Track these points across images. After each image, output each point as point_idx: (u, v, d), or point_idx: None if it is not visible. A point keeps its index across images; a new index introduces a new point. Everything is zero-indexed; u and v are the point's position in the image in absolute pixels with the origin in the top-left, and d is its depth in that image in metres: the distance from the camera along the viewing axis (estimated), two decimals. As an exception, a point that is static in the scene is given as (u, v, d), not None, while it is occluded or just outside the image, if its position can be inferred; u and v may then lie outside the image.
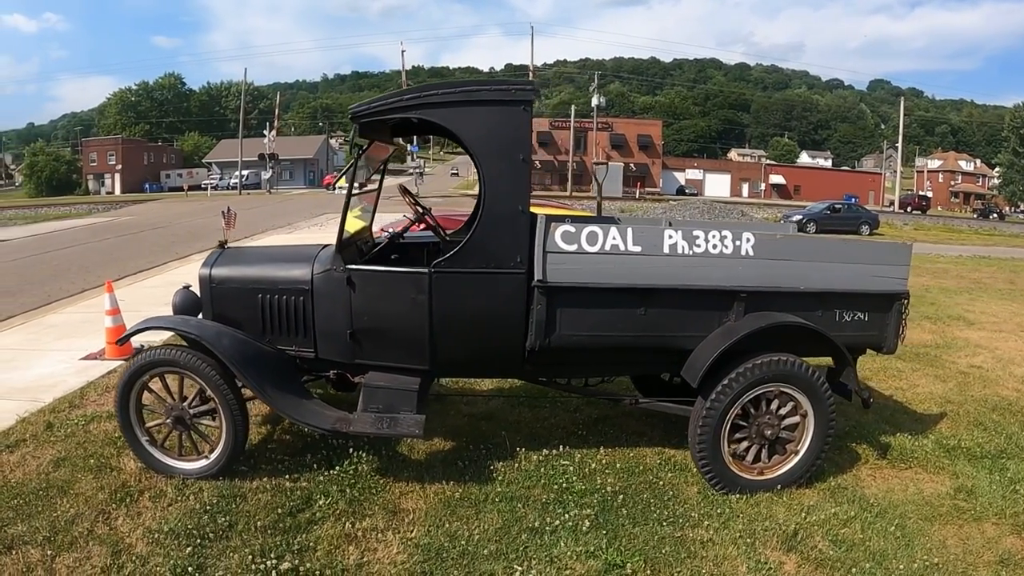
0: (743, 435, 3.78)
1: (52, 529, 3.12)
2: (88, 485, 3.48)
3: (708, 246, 3.59)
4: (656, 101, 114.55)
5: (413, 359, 3.70)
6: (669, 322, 3.69)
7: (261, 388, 3.47)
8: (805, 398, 3.74)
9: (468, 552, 3.13)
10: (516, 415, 4.92)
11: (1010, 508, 3.69)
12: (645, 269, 3.56)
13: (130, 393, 3.52)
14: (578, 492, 3.70)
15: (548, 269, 3.48)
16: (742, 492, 3.73)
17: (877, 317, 3.96)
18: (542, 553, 3.14)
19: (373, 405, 3.68)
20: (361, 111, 3.47)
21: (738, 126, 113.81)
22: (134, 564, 2.93)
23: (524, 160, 3.44)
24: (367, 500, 3.56)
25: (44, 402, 4.46)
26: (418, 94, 3.45)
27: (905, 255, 3.93)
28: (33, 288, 9.92)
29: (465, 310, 3.57)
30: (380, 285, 3.61)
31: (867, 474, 4.14)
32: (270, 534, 3.19)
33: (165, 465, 3.59)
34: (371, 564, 3.05)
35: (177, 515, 3.29)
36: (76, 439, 3.96)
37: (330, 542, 3.18)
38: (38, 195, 63.03)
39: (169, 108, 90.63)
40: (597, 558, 3.10)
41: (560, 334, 3.61)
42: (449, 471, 3.90)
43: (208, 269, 3.86)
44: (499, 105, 3.41)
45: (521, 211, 3.47)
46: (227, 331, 3.63)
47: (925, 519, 3.60)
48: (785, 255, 3.71)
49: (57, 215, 31.72)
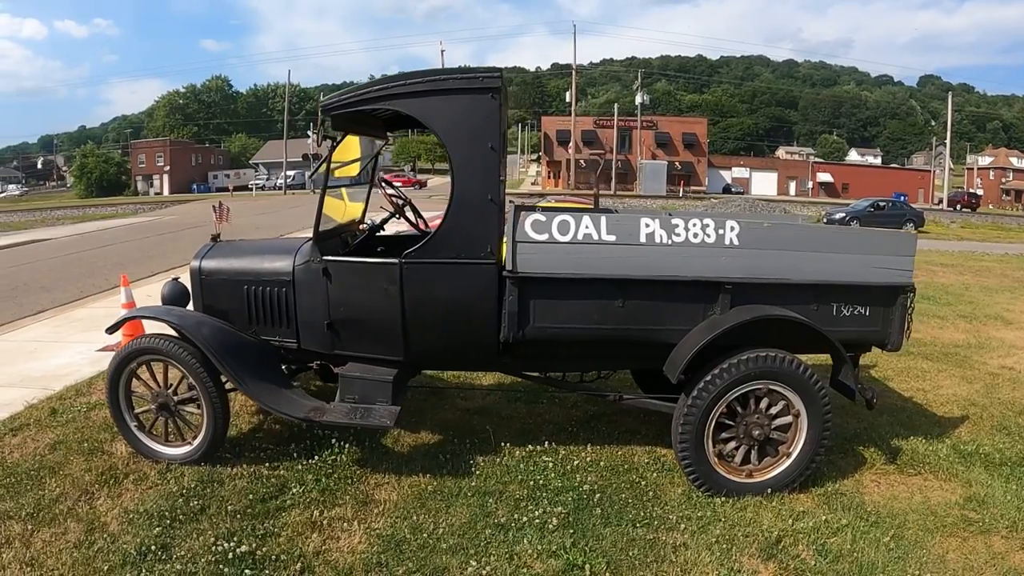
0: (730, 435, 3.52)
1: (37, 506, 3.21)
2: (78, 467, 3.56)
3: (689, 235, 3.37)
4: (703, 99, 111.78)
5: (388, 350, 3.62)
6: (649, 315, 3.48)
7: (239, 376, 3.46)
8: (797, 397, 3.46)
9: (428, 545, 3.04)
10: (511, 410, 4.79)
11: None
12: (621, 259, 3.37)
13: (119, 380, 3.58)
14: (554, 489, 3.54)
15: (518, 259, 3.34)
16: (729, 495, 3.48)
17: (879, 312, 3.64)
18: (503, 550, 3.01)
19: (349, 395, 3.63)
20: (331, 104, 3.41)
21: (786, 124, 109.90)
22: (104, 541, 2.97)
23: (493, 148, 3.31)
24: (340, 490, 3.50)
25: (54, 390, 4.62)
26: (386, 85, 3.37)
27: (909, 245, 3.59)
28: (68, 284, 10.35)
29: (436, 301, 3.46)
30: (354, 276, 3.55)
31: (870, 480, 3.81)
32: (239, 519, 3.18)
33: (152, 450, 3.63)
34: (330, 552, 2.99)
35: (154, 497, 3.32)
36: (75, 424, 4.07)
37: (295, 529, 3.14)
38: (88, 196, 64.19)
39: (216, 110, 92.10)
40: (559, 558, 2.95)
41: (534, 326, 3.46)
42: (428, 464, 3.81)
43: (198, 261, 3.90)
44: (467, 93, 3.29)
45: (491, 200, 3.34)
46: (208, 321, 3.64)
47: (926, 530, 3.26)
48: (774, 245, 3.44)
49: (103, 215, 32.70)
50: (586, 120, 61.04)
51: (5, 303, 8.79)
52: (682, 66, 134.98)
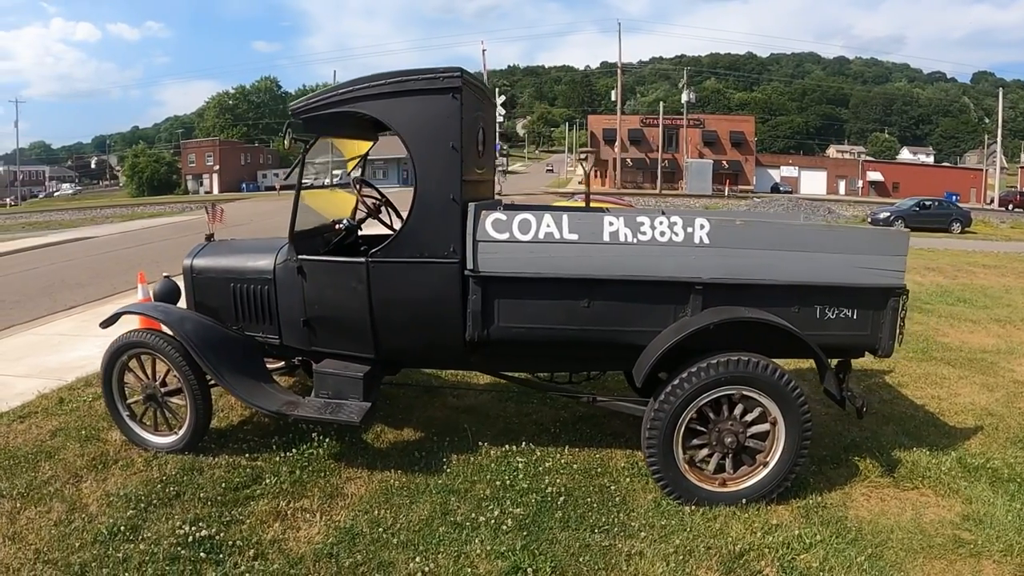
0: (702, 442, 3.34)
1: (28, 487, 3.39)
2: (72, 452, 3.73)
3: (655, 233, 3.21)
4: (752, 97, 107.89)
5: (360, 347, 3.62)
6: (617, 316, 3.34)
7: (217, 370, 3.54)
8: (773, 404, 3.25)
9: (381, 539, 3.03)
10: (499, 409, 4.72)
11: (1022, 544, 2.98)
12: (585, 259, 3.24)
13: (112, 371, 3.72)
14: (519, 490, 3.46)
15: (479, 258, 3.26)
16: (700, 504, 3.29)
17: (868, 315, 3.36)
18: (453, 548, 2.96)
19: (323, 391, 3.66)
20: (299, 107, 3.44)
21: (837, 122, 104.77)
22: (82, 520, 3.11)
23: (454, 148, 3.25)
24: (311, 482, 3.53)
25: (66, 381, 4.86)
26: (351, 88, 3.36)
27: (900, 244, 3.30)
28: (101, 281, 10.83)
29: (402, 300, 3.44)
30: (326, 275, 3.57)
31: (860, 493, 3.54)
32: (209, 505, 3.26)
33: (142, 438, 3.76)
34: (286, 541, 3.02)
35: (136, 483, 3.44)
36: (78, 413, 4.27)
37: (259, 517, 3.19)
38: (139, 195, 65.13)
39: (265, 110, 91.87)
40: (506, 559, 2.87)
41: (499, 325, 3.38)
42: (402, 460, 3.79)
43: (189, 260, 4.01)
44: (428, 94, 3.24)
45: (452, 199, 3.28)
46: (191, 317, 3.74)
47: (910, 550, 3.00)
48: (747, 243, 3.24)
49: (151, 213, 33.39)
50: (633, 119, 59.92)
51: (41, 299, 9.31)
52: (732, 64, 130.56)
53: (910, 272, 11.53)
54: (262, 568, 2.81)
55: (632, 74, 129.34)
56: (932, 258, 13.74)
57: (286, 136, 3.45)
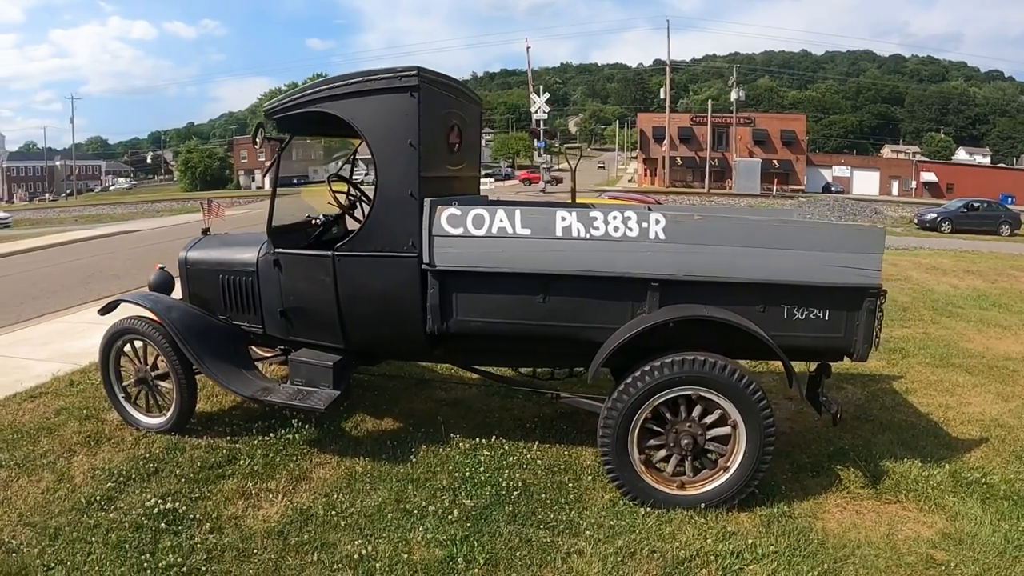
0: (660, 443, 3.20)
1: (26, 458, 3.64)
2: (71, 430, 3.97)
3: (608, 228, 3.10)
4: (806, 95, 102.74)
5: (330, 338, 3.69)
6: (574, 312, 3.26)
7: (199, 355, 3.68)
8: (732, 406, 3.08)
9: (330, 521, 3.09)
10: (483, 404, 4.70)
11: (1002, 570, 2.71)
12: (538, 254, 3.18)
13: (109, 355, 3.93)
14: (477, 482, 3.43)
15: (435, 253, 3.25)
16: (657, 506, 3.17)
17: (841, 316, 3.13)
18: (396, 534, 2.99)
19: (297, 379, 3.75)
20: (271, 108, 3.54)
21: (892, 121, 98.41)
22: (66, 490, 3.33)
23: (412, 145, 3.25)
24: (282, 465, 3.63)
25: (80, 365, 5.15)
26: (317, 88, 3.43)
27: (875, 241, 3.06)
28: (138, 273, 11.10)
29: (366, 292, 3.48)
30: (298, 268, 3.65)
31: (835, 504, 3.32)
32: (182, 482, 3.41)
33: (135, 419, 3.97)
34: (244, 518, 3.13)
35: (121, 459, 3.63)
36: (84, 395, 4.54)
37: (224, 495, 3.31)
38: (192, 189, 66.07)
39: None
40: (444, 548, 2.87)
41: (457, 319, 3.36)
42: (373, 448, 3.84)
43: (184, 252, 4.19)
44: (387, 93, 3.27)
45: (411, 195, 3.28)
46: (178, 305, 3.90)
47: (873, 568, 2.80)
48: (705, 239, 3.08)
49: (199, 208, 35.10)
50: (683, 117, 58.29)
51: (78, 289, 9.87)
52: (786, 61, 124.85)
53: (947, 275, 10.78)
54: (215, 541, 2.93)
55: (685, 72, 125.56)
56: (973, 261, 12.74)
57: (257, 135, 3.54)
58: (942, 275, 10.18)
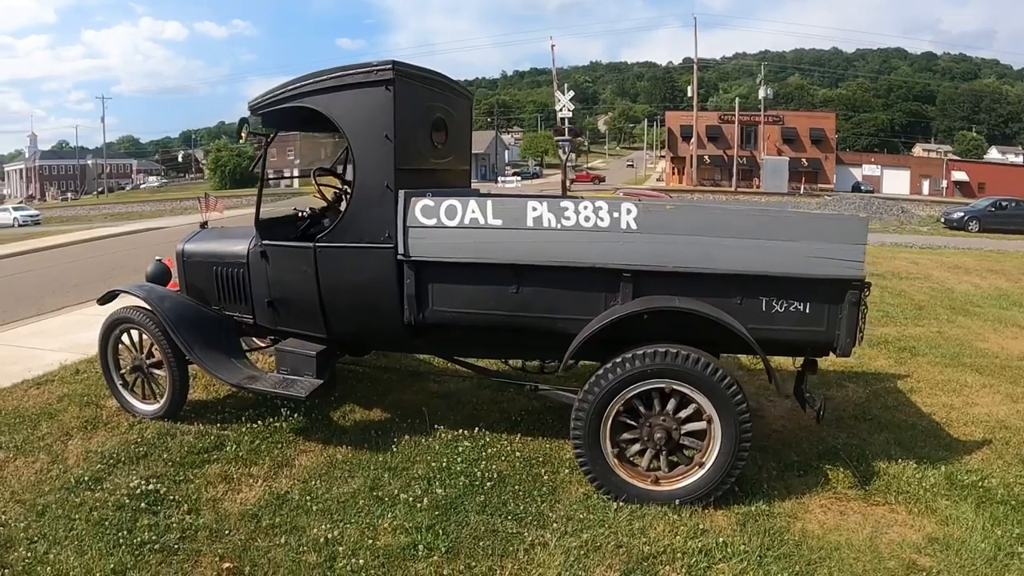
0: (633, 436, 3.12)
1: (25, 441, 3.77)
2: (71, 415, 4.10)
3: (579, 219, 3.03)
4: (836, 93, 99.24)
5: (313, 328, 3.72)
6: (547, 302, 3.21)
7: (188, 344, 3.75)
8: (706, 400, 2.99)
9: (303, 506, 3.12)
10: (474, 396, 4.68)
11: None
12: (510, 244, 3.13)
13: (107, 343, 4.04)
14: (453, 472, 3.42)
15: (410, 243, 3.24)
16: (630, 501, 3.09)
17: (822, 309, 2.99)
18: (365, 520, 3.00)
19: (282, 367, 3.79)
20: (254, 104, 3.58)
21: (923, 119, 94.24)
22: (58, 471, 3.44)
23: (388, 138, 3.26)
24: (267, 451, 3.67)
25: (88, 355, 5.29)
26: (298, 84, 3.45)
27: (857, 232, 2.92)
28: None
29: (345, 283, 3.50)
30: (283, 259, 3.69)
31: (819, 504, 3.18)
32: (168, 465, 3.49)
33: (131, 405, 4.07)
34: (223, 501, 3.18)
35: (114, 443, 3.73)
36: (87, 382, 4.68)
37: (207, 479, 3.37)
38: (222, 188, 66.26)
39: None
40: (409, 535, 2.87)
41: (433, 310, 3.35)
42: (356, 437, 3.86)
43: (182, 245, 4.28)
44: (363, 87, 3.29)
45: (387, 187, 3.28)
46: (171, 295, 3.99)
47: (850, 572, 2.68)
48: (678, 229, 2.98)
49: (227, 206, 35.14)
50: (711, 115, 57.15)
51: (98, 284, 10.06)
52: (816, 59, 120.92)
53: (969, 274, 10.30)
54: (191, 521, 2.99)
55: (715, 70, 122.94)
56: (998, 260, 12.13)
57: (242, 130, 3.58)
58: (964, 274, 9.74)
